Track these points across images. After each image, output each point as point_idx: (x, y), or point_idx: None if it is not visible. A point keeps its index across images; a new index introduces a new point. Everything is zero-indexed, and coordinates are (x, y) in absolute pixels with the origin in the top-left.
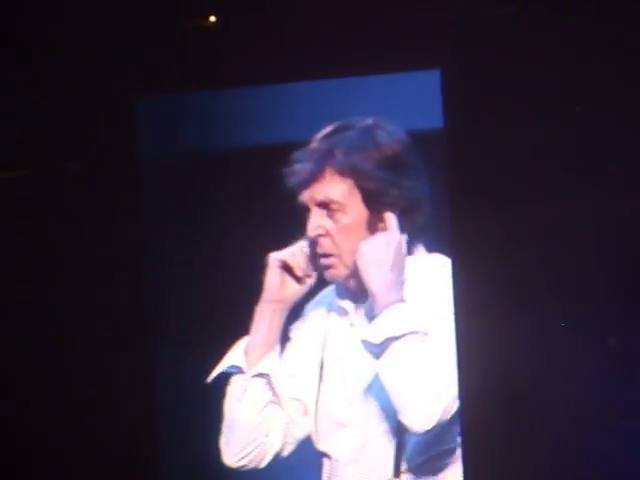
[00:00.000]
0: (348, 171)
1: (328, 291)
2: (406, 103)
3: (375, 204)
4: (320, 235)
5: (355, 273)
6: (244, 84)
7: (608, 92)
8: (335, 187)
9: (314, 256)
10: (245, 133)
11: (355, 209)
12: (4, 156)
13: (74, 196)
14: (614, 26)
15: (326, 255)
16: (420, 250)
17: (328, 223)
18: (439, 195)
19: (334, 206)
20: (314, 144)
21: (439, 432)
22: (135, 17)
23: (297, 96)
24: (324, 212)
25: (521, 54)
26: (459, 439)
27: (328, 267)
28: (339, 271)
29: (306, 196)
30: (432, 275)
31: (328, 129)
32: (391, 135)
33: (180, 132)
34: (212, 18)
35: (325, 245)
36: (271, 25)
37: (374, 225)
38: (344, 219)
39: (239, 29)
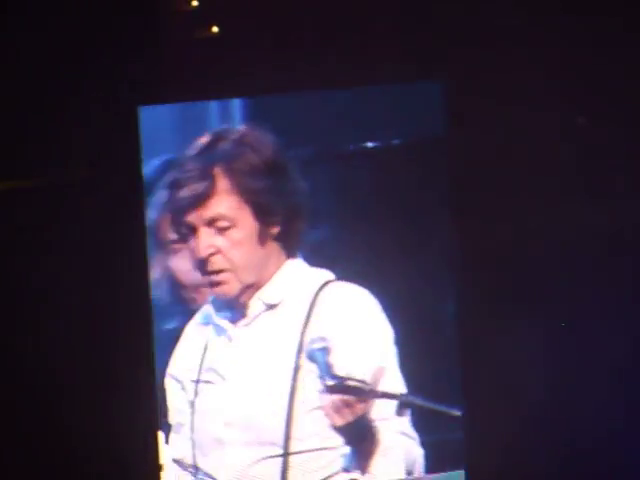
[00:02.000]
0: (235, 186)
1: (206, 310)
2: (406, 113)
3: (264, 215)
4: (211, 254)
5: (248, 288)
6: (246, 94)
7: (609, 102)
8: (224, 203)
9: (205, 275)
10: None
11: (246, 223)
12: (8, 166)
13: (77, 204)
14: (614, 38)
15: (218, 272)
16: (299, 259)
17: (219, 240)
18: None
19: (224, 223)
20: (190, 163)
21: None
22: (138, 26)
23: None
24: (212, 230)
25: (522, 65)
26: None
27: (220, 284)
28: (232, 287)
29: (193, 217)
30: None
31: (201, 144)
32: (264, 141)
33: (182, 140)
34: (215, 28)
35: (217, 262)
36: (273, 37)
37: (264, 237)
38: (235, 234)
39: (241, 39)
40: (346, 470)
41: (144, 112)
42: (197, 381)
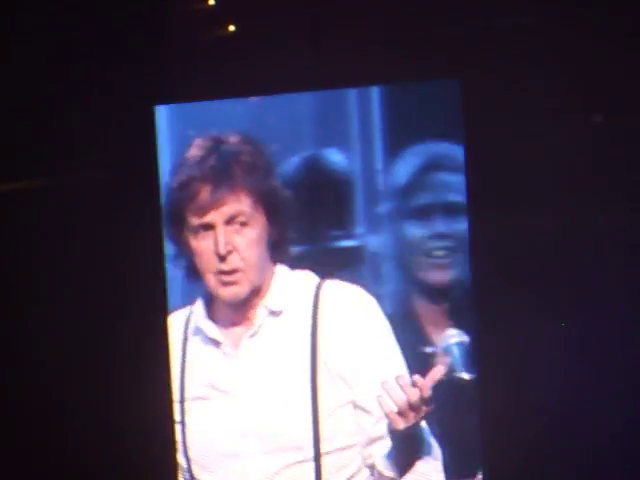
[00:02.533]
0: (252, 185)
1: (193, 321)
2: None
3: (274, 216)
4: (229, 252)
5: (253, 292)
6: (262, 93)
7: (626, 100)
8: (243, 201)
9: (218, 273)
10: (268, 140)
11: (259, 223)
12: (23, 165)
13: (94, 204)
14: (632, 35)
15: (232, 271)
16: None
17: (236, 238)
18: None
19: (242, 220)
20: (199, 165)
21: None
22: (154, 24)
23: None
24: (231, 228)
25: (538, 63)
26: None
27: (233, 284)
28: (243, 289)
29: (211, 215)
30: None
31: (201, 146)
32: (256, 143)
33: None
34: (231, 27)
35: (233, 261)
36: (289, 36)
37: (272, 237)
38: (250, 233)
39: (257, 38)
40: (385, 469)
41: (160, 111)
42: (184, 399)
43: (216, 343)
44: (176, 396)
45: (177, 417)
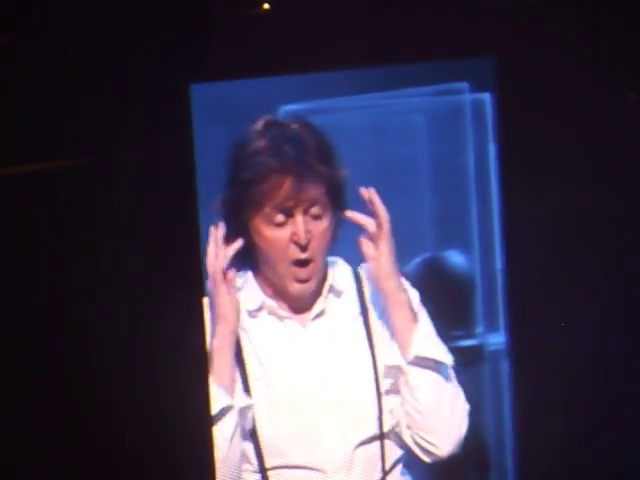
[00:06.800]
0: (323, 174)
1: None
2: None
3: (339, 204)
4: (309, 240)
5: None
6: (297, 71)
7: None
8: (318, 192)
9: (291, 264)
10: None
11: (329, 212)
12: (56, 145)
13: (127, 185)
14: None
15: (308, 262)
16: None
17: (312, 228)
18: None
19: (317, 209)
20: (276, 156)
21: None
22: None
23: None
24: (308, 218)
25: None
26: None
27: (306, 281)
28: (312, 284)
29: (292, 205)
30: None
31: (265, 133)
32: (316, 129)
33: (234, 118)
34: (266, 5)
35: (310, 251)
36: (318, 13)
37: (335, 226)
38: (324, 223)
39: (291, 16)
40: None
41: (195, 90)
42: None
43: (281, 321)
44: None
45: (240, 401)
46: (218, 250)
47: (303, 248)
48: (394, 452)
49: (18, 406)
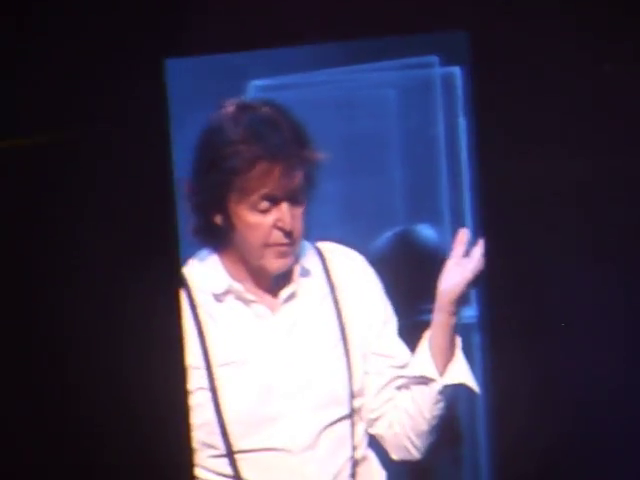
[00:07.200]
0: (307, 160)
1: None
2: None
3: (313, 186)
4: (293, 226)
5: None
6: (275, 45)
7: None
8: (299, 177)
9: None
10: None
11: (304, 197)
12: (25, 121)
13: (100, 161)
14: None
15: (288, 244)
16: None
17: (295, 212)
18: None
19: (299, 195)
20: (261, 142)
21: None
22: None
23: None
24: (290, 203)
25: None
26: None
27: (286, 256)
28: (291, 260)
29: (277, 192)
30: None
31: (237, 118)
32: (288, 112)
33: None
34: None
35: (293, 235)
36: None
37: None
38: (302, 207)
39: None
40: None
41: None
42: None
43: (248, 306)
44: (199, 363)
45: (205, 384)
46: None
47: (288, 234)
48: (363, 431)
49: None
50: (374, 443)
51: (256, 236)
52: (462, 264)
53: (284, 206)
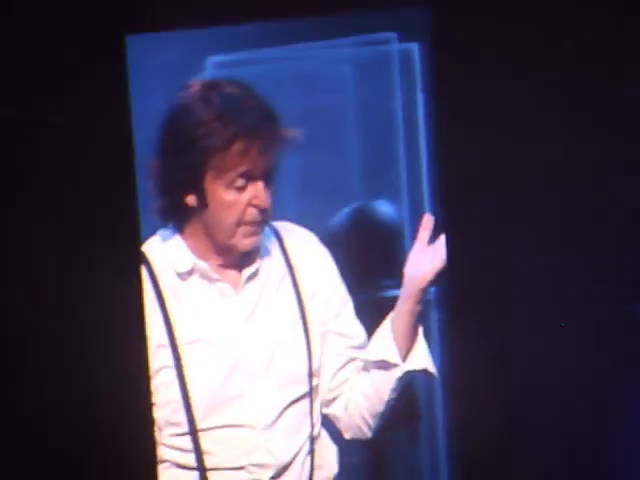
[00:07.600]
0: (281, 138)
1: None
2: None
3: (278, 162)
4: (268, 205)
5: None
6: (244, 21)
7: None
8: (273, 155)
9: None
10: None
11: (275, 175)
12: None
13: (59, 138)
14: None
15: (260, 222)
16: None
17: (268, 190)
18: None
19: (273, 173)
20: (238, 120)
21: None
22: None
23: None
24: (265, 181)
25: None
26: None
27: (257, 234)
28: (260, 238)
29: (253, 170)
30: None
31: (208, 95)
32: (253, 89)
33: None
34: None
35: (264, 214)
36: None
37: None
38: (272, 185)
39: None
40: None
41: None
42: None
43: (212, 284)
44: (164, 341)
45: (170, 363)
46: None
47: (262, 211)
48: (320, 409)
49: None
50: (325, 421)
51: (231, 214)
52: (430, 251)
53: (260, 184)
